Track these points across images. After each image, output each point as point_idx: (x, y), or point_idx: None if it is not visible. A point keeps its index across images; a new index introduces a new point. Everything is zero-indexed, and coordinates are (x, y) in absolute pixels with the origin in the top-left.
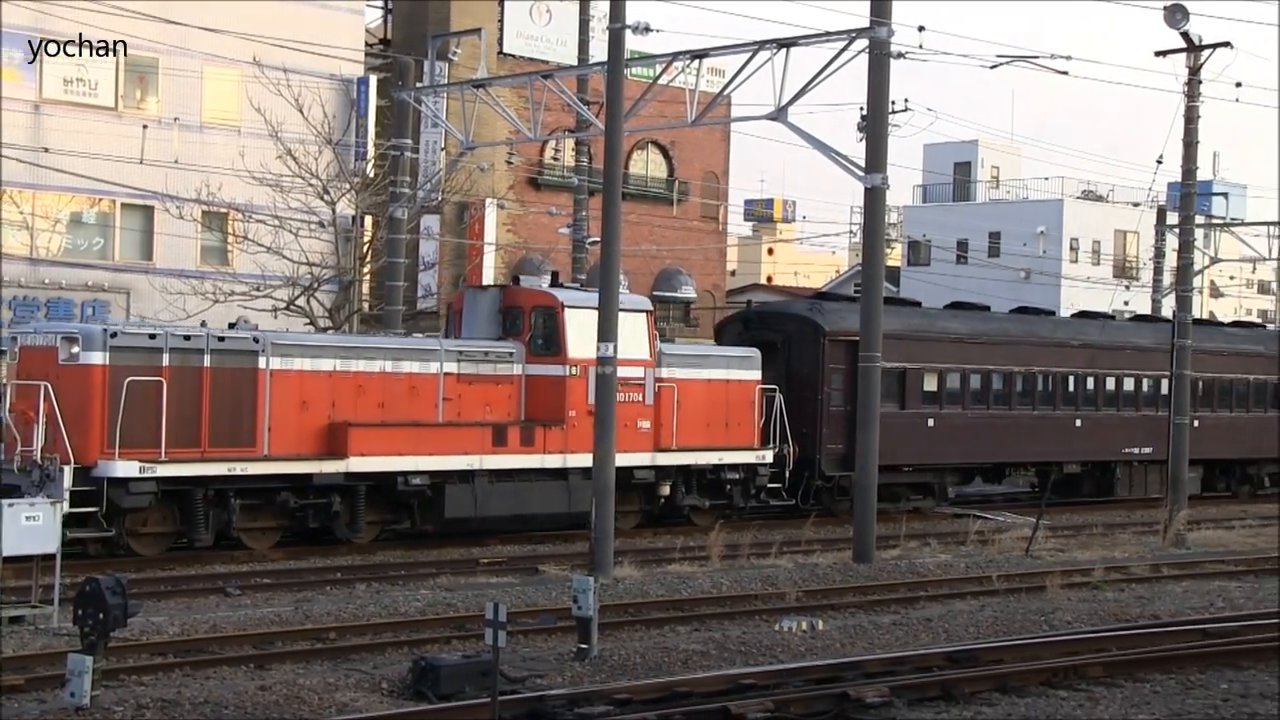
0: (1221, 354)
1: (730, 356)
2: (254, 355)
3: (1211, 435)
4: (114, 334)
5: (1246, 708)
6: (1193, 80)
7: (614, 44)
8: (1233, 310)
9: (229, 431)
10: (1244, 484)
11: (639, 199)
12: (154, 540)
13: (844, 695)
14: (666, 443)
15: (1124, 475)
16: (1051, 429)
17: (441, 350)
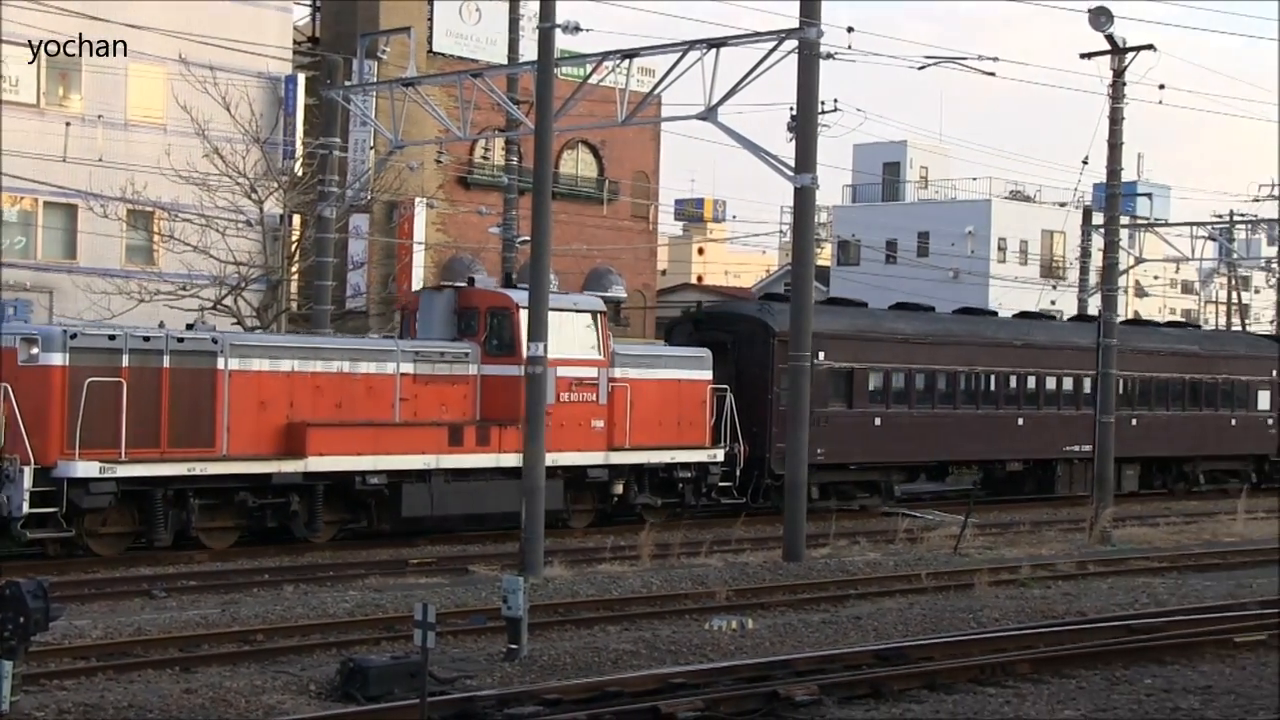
0: (1158, 354)
1: (682, 356)
2: (213, 356)
3: (1149, 434)
4: (74, 335)
5: (1170, 702)
6: (1117, 82)
7: (544, 43)
8: (1157, 310)
9: (188, 432)
10: (1180, 481)
11: (569, 198)
12: (113, 540)
13: (774, 694)
14: (620, 442)
15: (1064, 473)
16: (995, 428)
17: (398, 351)
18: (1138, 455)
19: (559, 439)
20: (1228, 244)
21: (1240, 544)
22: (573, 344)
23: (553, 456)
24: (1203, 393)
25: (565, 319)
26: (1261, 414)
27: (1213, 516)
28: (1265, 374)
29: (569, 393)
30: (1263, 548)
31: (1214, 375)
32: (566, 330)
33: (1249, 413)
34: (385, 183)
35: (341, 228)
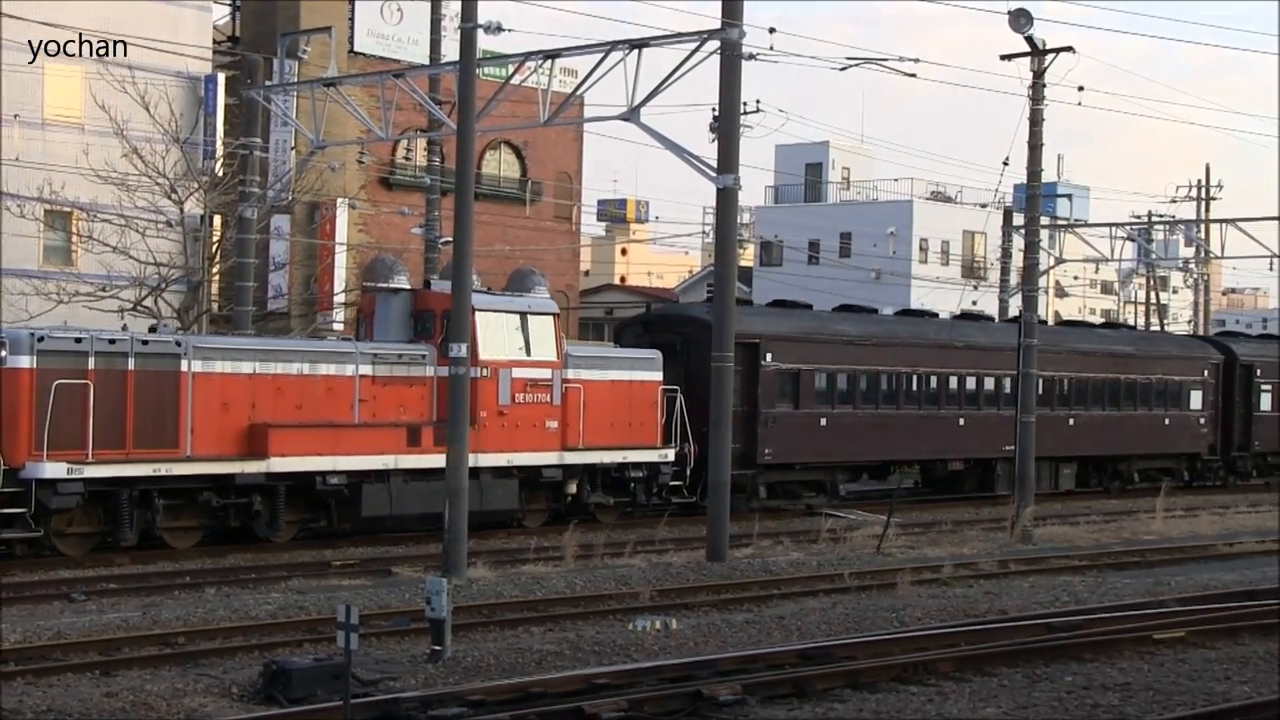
0: (1095, 355)
1: (633, 358)
2: (176, 358)
3: (1086, 433)
4: (41, 338)
5: (1090, 699)
6: (1036, 84)
7: (466, 43)
8: (1077, 310)
9: (153, 433)
10: (1115, 480)
11: (492, 199)
12: (79, 540)
13: (697, 693)
14: (573, 442)
15: (1004, 472)
16: (937, 428)
17: (357, 353)
18: (1074, 454)
19: (514, 439)
20: (1146, 245)
21: (1159, 542)
22: (527, 346)
23: (508, 457)
24: (1137, 393)
25: (519, 321)
26: (1194, 413)
27: (1132, 515)
28: (1197, 374)
29: (524, 394)
30: (1181, 545)
31: (1148, 376)
32: (521, 332)
33: (1182, 412)
34: (307, 183)
35: (263, 228)
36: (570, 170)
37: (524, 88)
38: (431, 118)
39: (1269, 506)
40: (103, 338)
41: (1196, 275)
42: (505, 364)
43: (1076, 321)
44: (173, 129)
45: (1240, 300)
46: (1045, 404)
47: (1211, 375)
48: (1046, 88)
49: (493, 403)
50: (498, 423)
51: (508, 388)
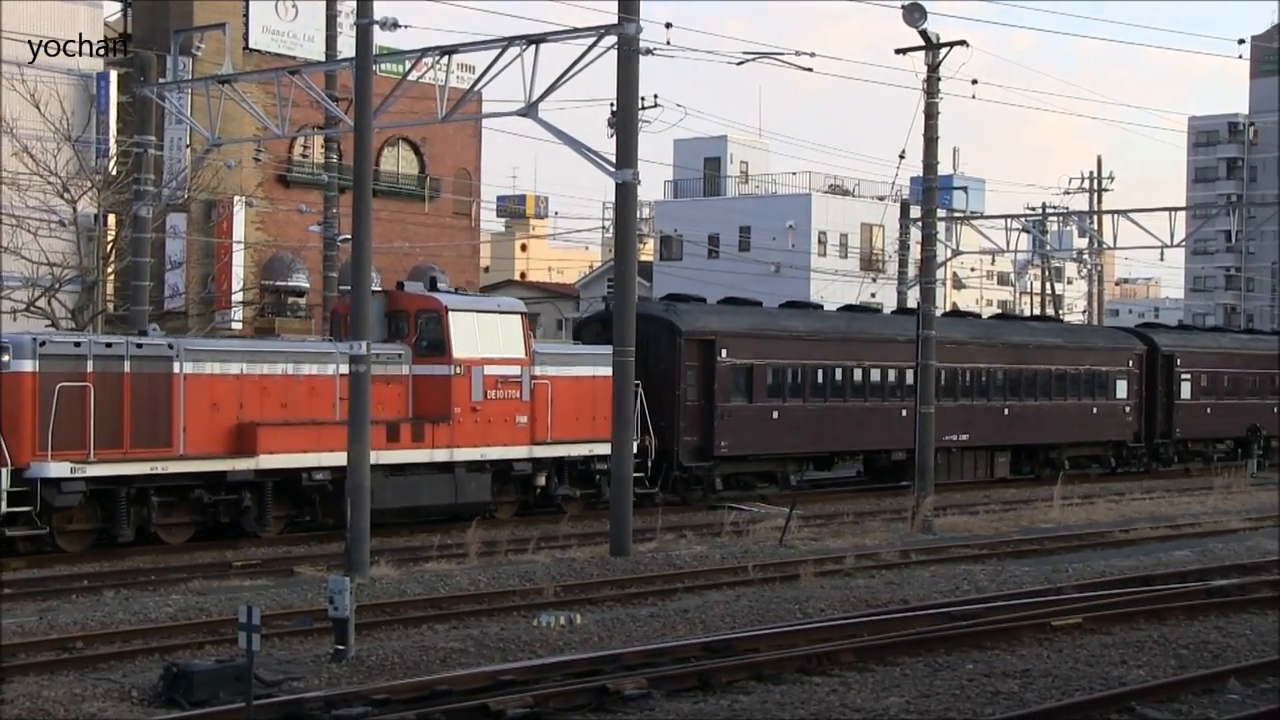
0: (1028, 347)
1: (597, 354)
2: (169, 360)
3: (1019, 422)
4: (43, 343)
5: (990, 686)
6: (931, 77)
7: (361, 40)
8: (974, 301)
9: (148, 432)
10: (1047, 467)
11: (390, 196)
12: (78, 537)
13: (603, 688)
14: (542, 436)
15: (944, 461)
16: (881, 419)
17: (337, 353)
18: (1009, 443)
19: (486, 434)
20: (1040, 236)
21: (1057, 530)
22: (497, 344)
23: (480, 451)
24: (1068, 383)
25: (489, 320)
26: (1120, 402)
27: (1030, 504)
28: (1122, 365)
29: (495, 390)
30: (1079, 533)
31: (1078, 366)
32: (491, 331)
33: (1109, 401)
34: (203, 181)
35: (158, 227)
36: (469, 166)
37: (421, 84)
38: (328, 115)
39: (1198, 491)
40: (100, 341)
41: (1090, 266)
42: (477, 362)
43: (1012, 315)
44: (64, 127)
45: (1133, 290)
46: (982, 395)
47: (1136, 365)
48: (941, 82)
49: (466, 399)
50: (471, 418)
51: (480, 385)
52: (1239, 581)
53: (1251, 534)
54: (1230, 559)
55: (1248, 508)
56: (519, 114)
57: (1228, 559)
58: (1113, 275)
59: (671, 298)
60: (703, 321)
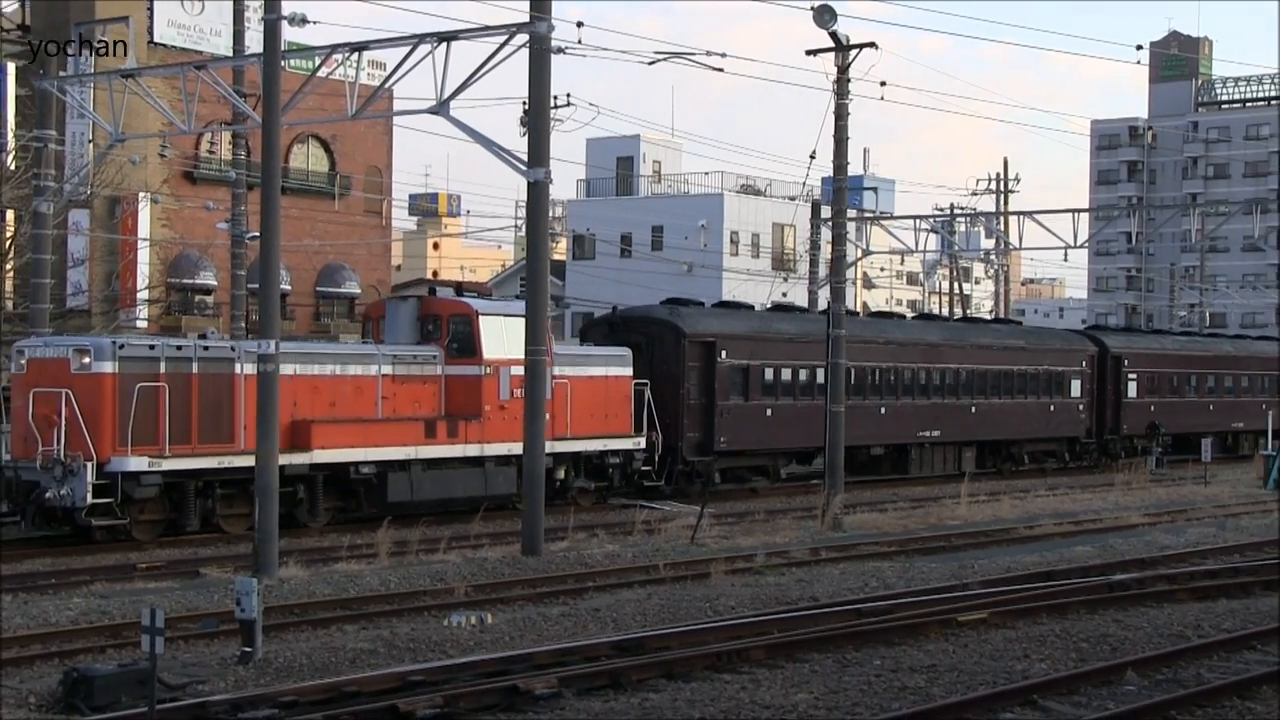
0: (991, 348)
1: (608, 355)
2: (231, 362)
3: (984, 419)
4: (121, 345)
5: (897, 681)
6: (841, 79)
7: (269, 35)
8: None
9: (213, 429)
10: (1007, 461)
11: (300, 193)
12: (149, 527)
13: (513, 688)
14: (561, 432)
15: (917, 456)
16: (861, 416)
17: (379, 355)
18: (975, 439)
19: (513, 431)
20: (949, 237)
21: (964, 526)
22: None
23: (508, 446)
24: (1028, 383)
25: (515, 323)
26: (1074, 400)
27: (938, 501)
28: (1076, 365)
29: (520, 389)
30: (985, 529)
31: (1036, 367)
32: (516, 334)
33: (1064, 400)
34: (106, 177)
35: (60, 223)
36: (380, 164)
37: (331, 80)
38: (236, 110)
39: (1100, 488)
40: (171, 344)
41: (997, 266)
42: (505, 362)
43: (974, 318)
44: None
45: (1038, 290)
46: (952, 394)
47: (1088, 366)
48: (851, 83)
49: (494, 398)
50: (499, 416)
51: (507, 384)
52: (1138, 576)
53: (1150, 529)
54: (1130, 554)
55: (1147, 503)
56: (430, 112)
57: (1127, 554)
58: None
59: (672, 301)
60: (704, 324)
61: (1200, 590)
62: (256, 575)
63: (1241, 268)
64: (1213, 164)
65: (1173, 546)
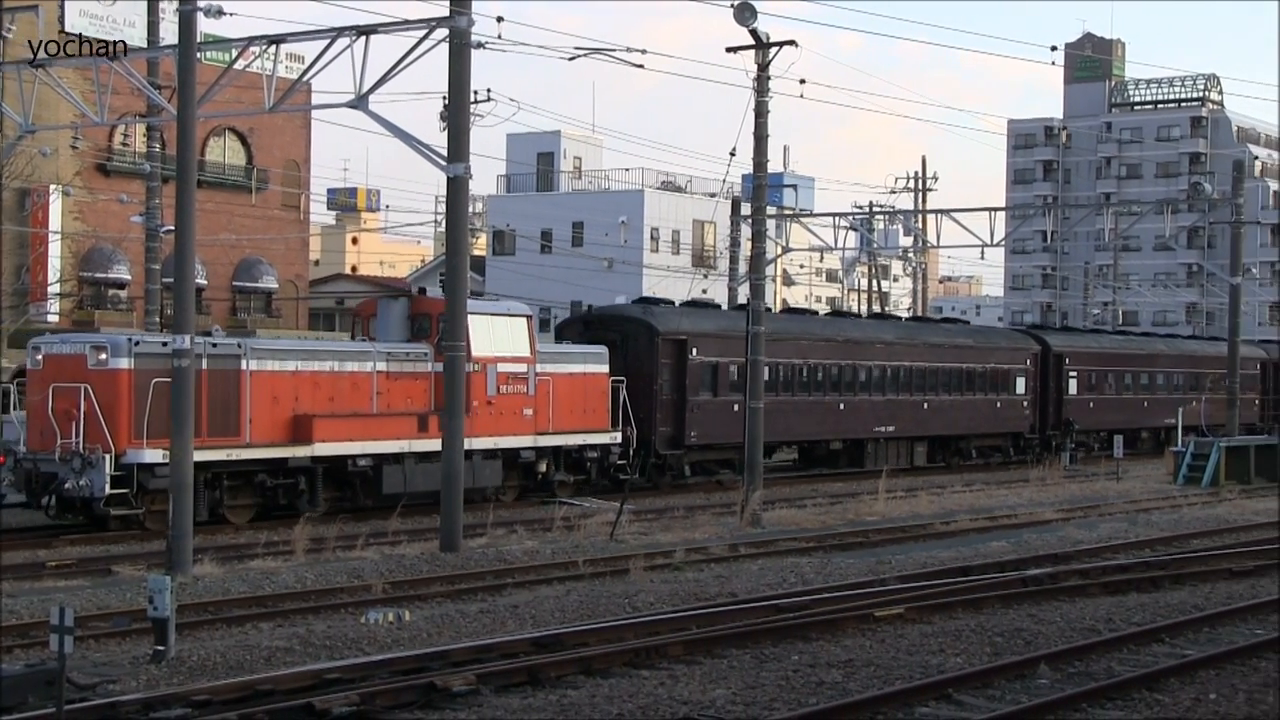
0: (943, 346)
1: (587, 353)
2: (237, 359)
3: (936, 415)
4: (137, 342)
5: (815, 676)
6: (761, 76)
7: (185, 26)
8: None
9: (221, 423)
10: (956, 456)
11: (216, 187)
12: (160, 517)
13: (431, 685)
14: (544, 427)
15: (873, 450)
16: (822, 412)
17: (374, 352)
18: (927, 434)
19: (499, 425)
20: (867, 234)
21: (881, 522)
22: (508, 344)
23: (494, 440)
24: (976, 380)
25: (501, 322)
26: (1019, 397)
27: (856, 497)
28: (1021, 363)
29: (506, 385)
30: (902, 525)
31: (984, 364)
32: (502, 332)
33: (1010, 396)
34: (15, 169)
35: None
36: (298, 158)
37: (248, 73)
38: (150, 102)
39: (1015, 484)
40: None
41: (915, 264)
42: (492, 360)
43: (923, 317)
44: None
45: (956, 288)
46: (906, 390)
47: (1032, 364)
48: (771, 80)
49: (482, 393)
50: (486, 411)
51: (494, 381)
52: (1051, 571)
53: (1063, 524)
54: (1043, 549)
55: (1060, 499)
56: (349, 106)
57: (1041, 549)
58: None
59: (644, 301)
60: (676, 323)
61: (1111, 585)
62: (170, 573)
63: (1153, 267)
64: (1126, 164)
65: (1085, 541)
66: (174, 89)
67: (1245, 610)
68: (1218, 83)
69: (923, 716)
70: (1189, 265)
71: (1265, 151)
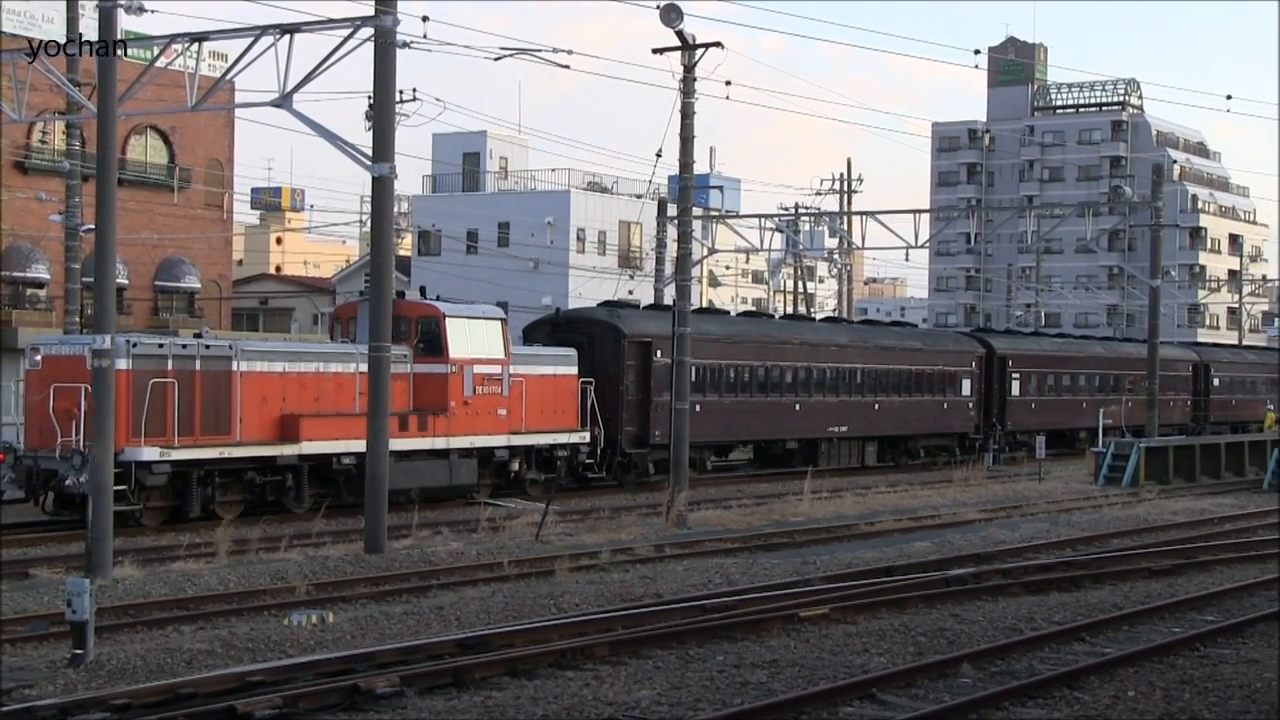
0: (894, 349)
1: (557, 355)
2: (229, 360)
3: (886, 415)
4: (135, 344)
5: (740, 677)
6: (687, 77)
7: (105, 23)
8: (729, 299)
9: (213, 422)
10: (904, 455)
11: (137, 185)
12: (154, 514)
13: (355, 687)
14: (517, 427)
15: (827, 449)
16: (780, 412)
17: (357, 354)
18: (877, 434)
19: (475, 425)
20: (793, 236)
21: (806, 523)
22: (484, 347)
23: (470, 439)
24: (925, 382)
25: (477, 325)
26: (964, 399)
27: (781, 498)
28: (967, 365)
29: (482, 386)
30: (827, 525)
31: (932, 366)
32: (478, 335)
33: (956, 398)
34: None
35: None
36: (221, 157)
37: (170, 71)
38: (70, 99)
39: (939, 484)
40: (177, 343)
41: (840, 265)
42: (469, 361)
43: (873, 321)
44: None
45: (880, 289)
46: (858, 392)
47: (977, 366)
48: (697, 82)
49: (459, 394)
50: (463, 411)
51: (470, 382)
52: (974, 570)
53: (986, 525)
54: (966, 549)
55: (983, 499)
56: (273, 104)
57: (964, 549)
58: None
59: (610, 304)
60: (642, 325)
61: (1033, 584)
62: (89, 575)
63: (1075, 269)
64: (1048, 167)
65: (1007, 541)
66: (94, 86)
67: (1163, 609)
68: (1138, 87)
69: (847, 716)
70: (1110, 268)
71: (1184, 155)
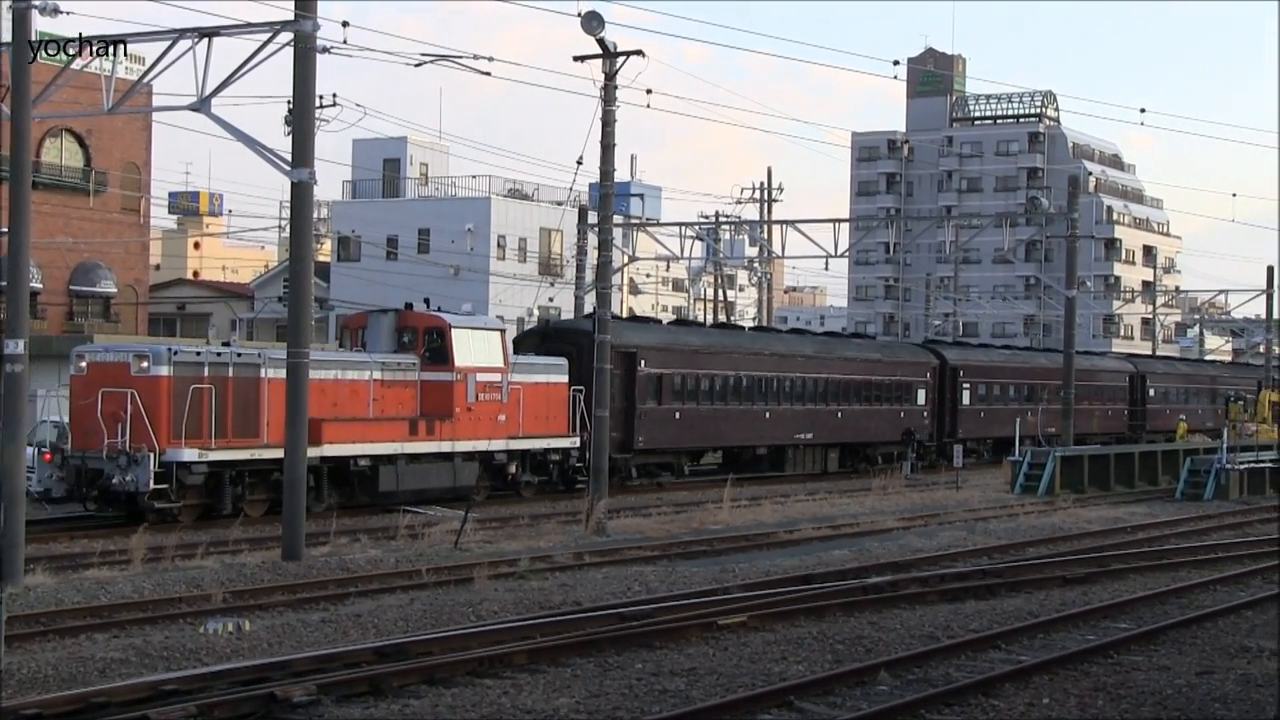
0: (855, 360)
1: (549, 364)
2: (257, 367)
3: (847, 423)
4: (175, 352)
5: (658, 685)
6: (609, 85)
7: (18, 24)
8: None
9: (243, 425)
10: (863, 461)
11: (52, 189)
12: (189, 511)
13: (271, 696)
14: (515, 431)
15: (793, 455)
16: (751, 420)
17: (371, 362)
18: (839, 441)
19: (476, 429)
20: (714, 244)
21: (726, 531)
22: (485, 356)
23: (473, 444)
24: (883, 391)
25: (479, 335)
26: (919, 408)
27: (701, 505)
28: (922, 376)
29: (484, 393)
30: (746, 533)
31: (890, 376)
32: (480, 345)
33: (912, 406)
34: None
35: None
36: (138, 160)
37: (86, 73)
38: None
39: (858, 493)
40: (212, 351)
41: (760, 274)
42: (472, 370)
43: (834, 332)
44: None
45: (800, 298)
46: (823, 400)
47: (931, 376)
48: (618, 90)
49: (463, 400)
50: (467, 417)
51: (473, 389)
52: (891, 579)
53: (904, 533)
54: (884, 557)
55: (902, 508)
56: (190, 108)
57: (882, 557)
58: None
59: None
60: (626, 337)
61: (950, 592)
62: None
63: (993, 279)
64: (966, 178)
65: (925, 550)
66: (8, 88)
67: (1077, 617)
68: (1054, 100)
69: None
70: (1027, 278)
71: (1099, 168)
